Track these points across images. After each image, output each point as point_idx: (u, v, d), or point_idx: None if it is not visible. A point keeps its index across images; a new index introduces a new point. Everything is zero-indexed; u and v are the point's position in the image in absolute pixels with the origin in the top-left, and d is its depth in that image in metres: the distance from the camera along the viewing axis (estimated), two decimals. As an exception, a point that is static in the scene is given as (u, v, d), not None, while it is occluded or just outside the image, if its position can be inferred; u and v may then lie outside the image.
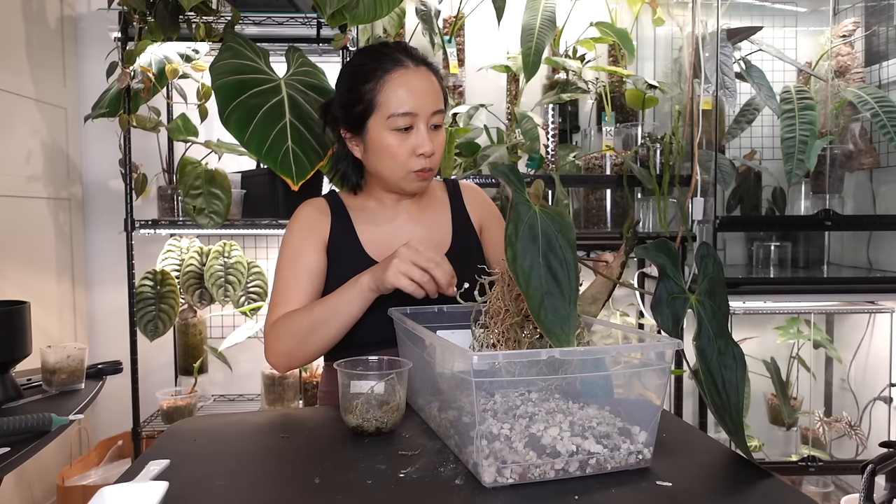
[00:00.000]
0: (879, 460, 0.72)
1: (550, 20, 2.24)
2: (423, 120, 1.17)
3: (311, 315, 1.12)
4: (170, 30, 1.93)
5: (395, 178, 1.21)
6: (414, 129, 1.18)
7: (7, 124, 2.15)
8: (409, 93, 1.16)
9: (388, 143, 1.18)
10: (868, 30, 2.36)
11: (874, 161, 2.33)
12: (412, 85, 1.17)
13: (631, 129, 2.40)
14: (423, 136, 1.17)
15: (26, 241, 2.23)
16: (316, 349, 1.14)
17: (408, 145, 1.18)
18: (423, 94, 1.17)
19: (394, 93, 1.16)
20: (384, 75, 1.17)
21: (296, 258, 1.22)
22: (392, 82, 1.17)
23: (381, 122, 1.18)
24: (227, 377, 2.60)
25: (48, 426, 1.21)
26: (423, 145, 1.17)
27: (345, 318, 1.11)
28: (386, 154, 1.19)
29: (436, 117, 1.19)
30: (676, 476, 0.79)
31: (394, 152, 1.18)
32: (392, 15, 2.29)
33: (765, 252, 2.43)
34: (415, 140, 1.18)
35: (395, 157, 1.19)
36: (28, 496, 2.17)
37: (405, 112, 1.16)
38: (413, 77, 1.18)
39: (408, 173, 1.20)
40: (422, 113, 1.17)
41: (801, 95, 2.22)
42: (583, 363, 0.81)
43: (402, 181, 1.22)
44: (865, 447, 2.29)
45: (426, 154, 1.18)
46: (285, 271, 1.22)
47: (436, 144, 1.20)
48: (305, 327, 1.12)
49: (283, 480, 0.79)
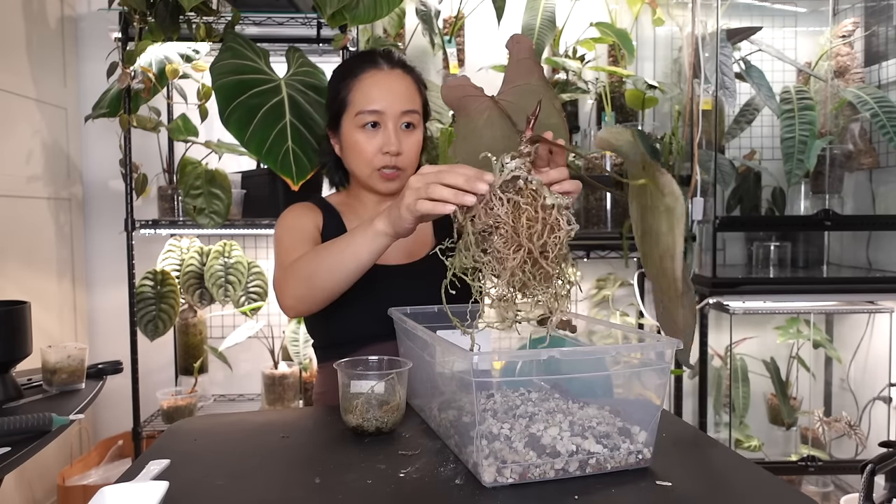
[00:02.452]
0: (879, 460, 0.72)
1: (550, 20, 2.24)
2: (391, 119, 1.20)
3: (316, 259, 1.06)
4: (170, 30, 1.93)
5: (364, 175, 1.23)
6: (382, 128, 1.20)
7: (7, 124, 2.15)
8: (377, 91, 1.20)
9: (355, 140, 1.21)
10: (868, 30, 2.37)
11: (874, 161, 2.33)
12: (382, 84, 1.21)
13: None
14: (390, 135, 1.19)
15: (26, 241, 2.23)
16: (323, 294, 1.07)
17: (375, 143, 1.20)
18: (392, 93, 1.20)
19: (363, 91, 1.21)
20: (359, 74, 1.22)
21: (294, 230, 1.22)
22: (363, 81, 1.21)
23: (351, 120, 1.21)
24: (228, 377, 2.60)
25: (48, 426, 1.21)
26: (389, 143, 1.19)
27: (353, 264, 1.01)
28: (354, 151, 1.22)
29: (406, 117, 1.21)
30: (676, 476, 0.79)
31: (360, 149, 1.21)
32: (392, 15, 2.29)
33: (764, 252, 2.43)
34: (381, 137, 1.20)
35: (361, 155, 1.21)
36: (28, 496, 2.18)
37: (372, 109, 1.19)
38: (384, 77, 1.22)
39: (373, 171, 1.21)
40: (389, 111, 1.20)
41: (801, 95, 2.22)
42: (583, 363, 0.81)
43: (369, 179, 1.23)
44: (865, 447, 2.30)
45: (391, 152, 1.19)
46: (286, 239, 1.21)
47: (406, 145, 1.21)
48: (311, 270, 1.06)
49: (284, 480, 0.80)
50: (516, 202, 0.79)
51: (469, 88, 0.95)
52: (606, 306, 2.58)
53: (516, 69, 0.95)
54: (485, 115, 0.94)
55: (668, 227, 0.80)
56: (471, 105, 0.95)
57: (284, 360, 2.38)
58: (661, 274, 0.82)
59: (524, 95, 0.93)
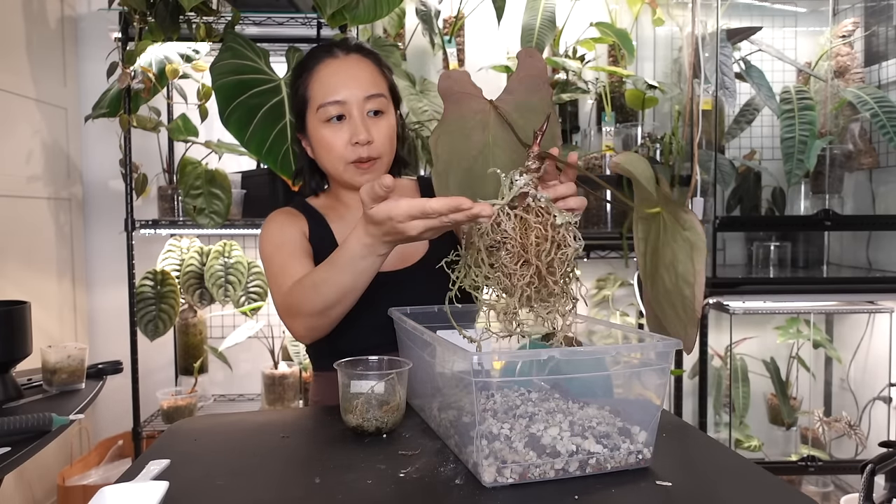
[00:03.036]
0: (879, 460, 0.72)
1: (550, 20, 2.24)
2: (355, 107, 1.12)
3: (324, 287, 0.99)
4: (170, 30, 1.93)
5: (338, 171, 1.16)
6: (347, 119, 1.12)
7: (7, 124, 2.15)
8: (336, 80, 1.12)
9: (322, 136, 1.14)
10: (867, 30, 2.37)
11: (874, 161, 2.33)
12: (339, 72, 1.13)
13: (631, 129, 2.40)
14: (357, 124, 1.11)
15: (26, 241, 2.23)
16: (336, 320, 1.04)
17: (342, 136, 1.12)
18: (352, 80, 1.13)
19: (321, 83, 1.13)
20: (314, 67, 1.15)
21: (283, 245, 1.16)
22: (319, 73, 1.14)
23: (314, 116, 1.14)
24: (228, 377, 2.60)
25: (48, 426, 1.21)
26: (357, 133, 1.11)
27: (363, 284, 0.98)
28: (323, 148, 1.15)
29: (372, 102, 1.13)
30: (676, 476, 0.79)
31: (329, 144, 1.13)
32: (392, 15, 2.30)
33: (764, 252, 2.43)
34: (348, 129, 1.12)
35: (331, 150, 1.14)
36: (28, 496, 2.18)
37: (333, 101, 1.12)
38: (340, 65, 1.14)
39: (347, 165, 1.14)
40: (351, 99, 1.12)
41: (801, 95, 2.22)
42: (583, 363, 0.81)
43: (344, 174, 1.15)
44: (865, 447, 2.30)
45: (361, 142, 1.11)
46: (276, 256, 1.15)
47: (376, 132, 1.13)
48: (322, 300, 0.99)
49: (284, 480, 0.80)
50: (525, 219, 0.80)
51: (469, 86, 0.93)
52: (606, 306, 2.58)
53: (522, 83, 0.93)
54: (478, 116, 0.93)
55: (688, 257, 0.81)
56: (466, 102, 0.93)
57: (284, 360, 2.38)
58: (674, 296, 0.83)
59: (525, 112, 0.92)
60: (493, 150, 0.93)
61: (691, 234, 0.81)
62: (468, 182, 0.93)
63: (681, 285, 0.82)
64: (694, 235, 0.80)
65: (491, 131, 0.93)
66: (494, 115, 0.92)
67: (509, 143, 0.92)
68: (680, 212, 0.81)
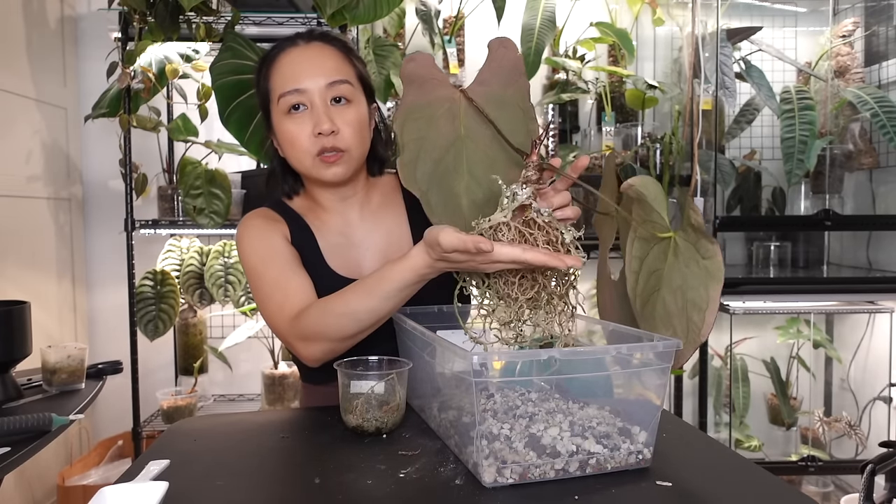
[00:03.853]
0: (879, 460, 0.72)
1: (550, 20, 2.24)
2: (316, 94, 1.04)
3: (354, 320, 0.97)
4: (170, 30, 1.93)
5: (305, 167, 1.08)
6: (309, 108, 1.05)
7: (7, 124, 2.15)
8: (295, 68, 1.06)
9: (285, 129, 1.06)
10: (868, 30, 2.37)
11: (874, 161, 2.33)
12: (298, 61, 1.07)
13: (631, 129, 2.40)
14: (319, 113, 1.04)
15: (26, 241, 2.23)
16: (355, 341, 1.02)
17: (305, 127, 1.05)
18: (312, 66, 1.06)
19: (280, 73, 1.07)
20: (275, 58, 1.09)
21: (270, 256, 1.08)
22: (279, 62, 1.08)
23: (276, 108, 1.07)
24: (227, 377, 2.60)
25: (48, 426, 1.21)
26: (320, 123, 1.03)
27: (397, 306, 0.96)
28: (287, 142, 1.07)
29: (335, 89, 1.05)
30: (676, 476, 0.79)
31: (292, 137, 1.06)
32: (392, 15, 2.30)
33: (765, 252, 2.43)
34: (311, 119, 1.04)
35: (295, 144, 1.06)
36: (28, 496, 2.18)
37: (292, 89, 1.04)
38: (300, 53, 1.07)
39: (313, 159, 1.06)
40: (312, 87, 1.04)
41: (801, 95, 2.22)
42: (583, 363, 0.81)
43: (312, 170, 1.07)
44: (865, 447, 2.30)
45: (324, 132, 1.03)
46: (266, 271, 1.07)
47: (342, 121, 1.05)
48: (349, 329, 0.98)
49: (284, 480, 0.79)
50: (525, 234, 0.80)
51: (435, 71, 0.87)
52: (606, 306, 2.58)
53: (495, 74, 0.87)
54: (446, 105, 0.86)
55: (702, 284, 0.79)
56: (433, 88, 0.87)
57: (284, 361, 2.38)
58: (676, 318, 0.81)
59: (498, 106, 0.87)
60: (466, 143, 0.88)
61: (711, 264, 0.79)
62: (437, 175, 0.88)
63: (689, 311, 0.80)
64: (714, 265, 0.79)
65: (463, 122, 0.87)
66: (465, 106, 0.87)
67: (484, 138, 0.87)
68: (703, 240, 0.79)
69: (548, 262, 0.76)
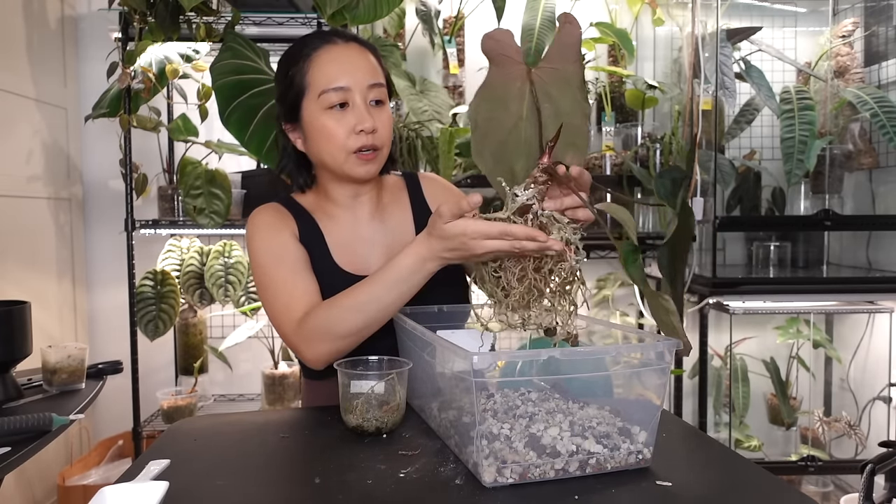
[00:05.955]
0: (879, 460, 0.72)
1: (550, 20, 2.24)
2: (358, 94, 1.08)
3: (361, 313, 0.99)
4: (170, 30, 1.93)
5: (338, 162, 1.10)
6: (350, 105, 1.08)
7: (7, 124, 2.15)
8: (338, 67, 1.08)
9: (323, 124, 1.08)
10: (867, 30, 2.37)
11: (873, 161, 2.33)
12: (341, 59, 1.09)
13: (631, 129, 2.40)
14: (362, 111, 1.07)
15: (26, 241, 2.23)
16: (360, 340, 1.04)
17: (345, 123, 1.07)
18: (354, 66, 1.09)
19: (321, 69, 1.08)
20: (311, 53, 1.10)
21: (279, 253, 1.11)
22: (319, 59, 1.09)
23: (313, 103, 1.09)
24: (228, 377, 2.60)
25: (49, 426, 1.21)
26: (363, 120, 1.07)
27: (403, 301, 0.99)
28: (323, 137, 1.09)
29: (374, 91, 1.09)
30: (676, 476, 0.79)
31: (330, 133, 1.08)
32: (392, 15, 2.30)
33: (764, 252, 2.43)
34: (352, 116, 1.07)
35: (332, 139, 1.08)
36: (29, 496, 2.18)
37: (337, 87, 1.07)
38: (342, 51, 1.10)
39: (348, 155, 1.08)
40: (356, 86, 1.08)
41: (801, 95, 2.22)
42: (583, 363, 0.81)
43: (344, 165, 1.10)
44: (865, 447, 2.30)
45: (366, 130, 1.07)
46: (273, 268, 1.10)
47: (379, 121, 1.09)
48: (355, 324, 1.00)
49: (284, 480, 0.80)
50: None
51: (510, 48, 0.89)
52: (606, 306, 2.58)
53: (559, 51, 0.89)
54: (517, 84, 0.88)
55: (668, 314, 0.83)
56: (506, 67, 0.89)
57: (284, 360, 2.38)
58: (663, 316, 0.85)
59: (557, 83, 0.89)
60: (525, 126, 0.90)
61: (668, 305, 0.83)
62: (501, 155, 0.90)
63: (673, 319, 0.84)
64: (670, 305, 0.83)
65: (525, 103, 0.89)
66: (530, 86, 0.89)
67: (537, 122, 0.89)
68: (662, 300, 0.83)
69: (531, 234, 0.80)
